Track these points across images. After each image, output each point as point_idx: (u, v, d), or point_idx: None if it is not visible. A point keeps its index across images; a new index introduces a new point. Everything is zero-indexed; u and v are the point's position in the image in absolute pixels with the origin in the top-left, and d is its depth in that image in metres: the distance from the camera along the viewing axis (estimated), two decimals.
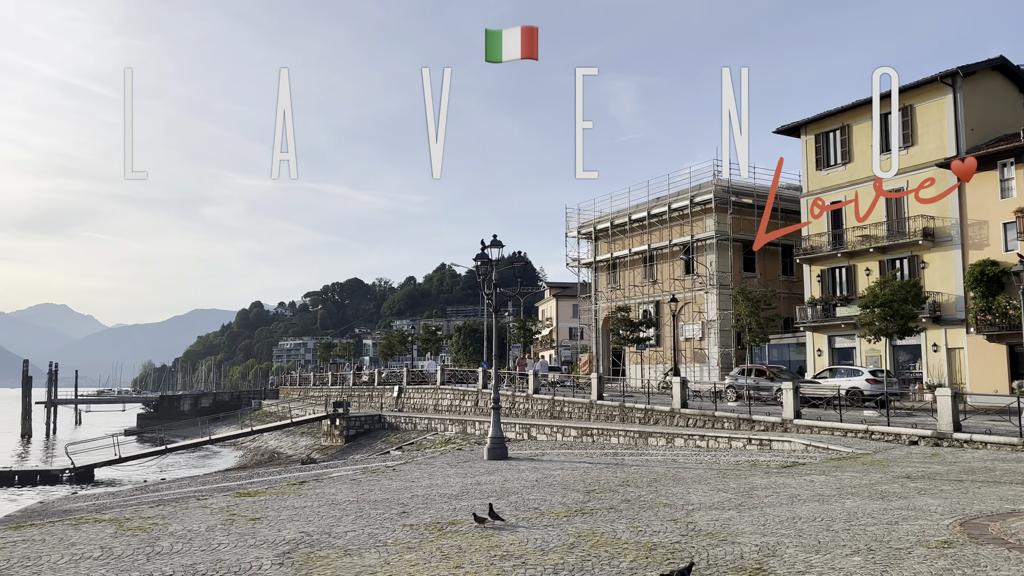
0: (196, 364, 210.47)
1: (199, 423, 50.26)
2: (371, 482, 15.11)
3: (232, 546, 8.64)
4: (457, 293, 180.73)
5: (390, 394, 45.28)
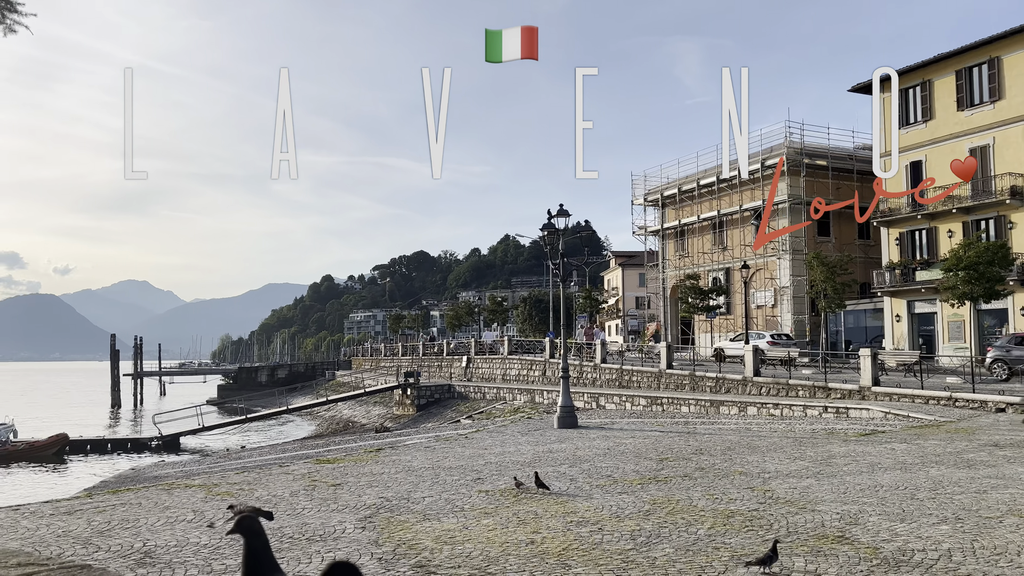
0: (271, 337, 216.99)
1: (276, 393, 51.99)
2: (445, 449, 15.39)
3: (315, 511, 8.94)
4: (521, 264, 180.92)
5: (459, 364, 45.87)
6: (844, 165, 40.07)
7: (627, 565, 6.25)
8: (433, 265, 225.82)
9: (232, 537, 7.48)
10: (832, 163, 40.12)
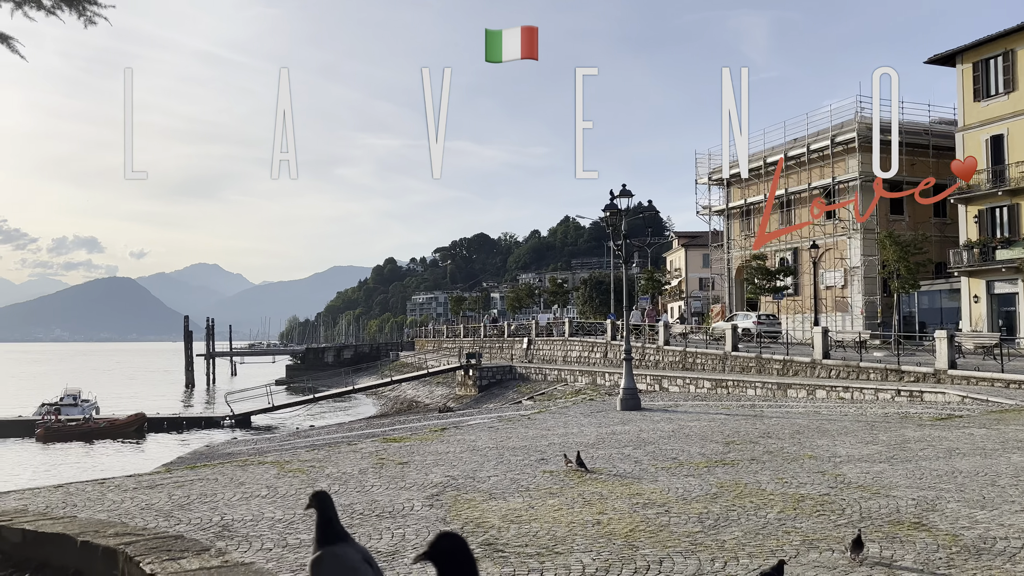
0: (336, 318, 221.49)
1: (342, 374, 53.17)
2: (508, 430, 15.49)
3: (384, 488, 9.12)
4: (582, 245, 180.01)
5: (519, 346, 46.04)
6: (919, 140, 38.53)
7: (695, 547, 6.20)
8: (493, 247, 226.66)
9: (306, 512, 7.70)
10: (906, 138, 38.61)
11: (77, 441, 34.99)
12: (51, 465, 29.47)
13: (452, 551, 2.19)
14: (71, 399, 42.34)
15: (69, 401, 41.86)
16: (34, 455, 32.58)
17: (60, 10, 8.05)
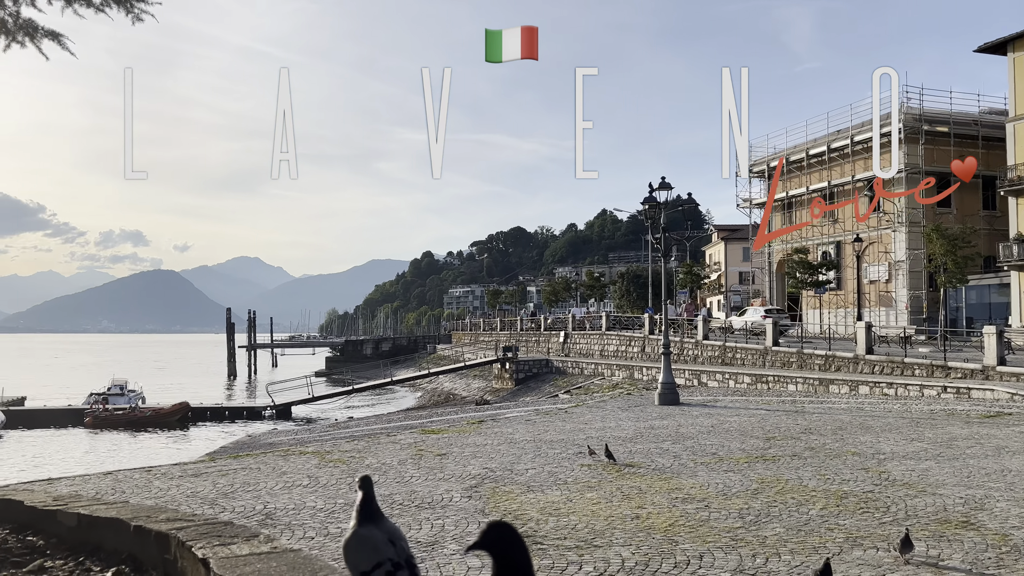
0: (375, 311, 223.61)
1: (380, 366, 53.71)
2: (545, 423, 15.50)
3: (423, 479, 9.19)
4: (619, 239, 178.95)
5: (556, 339, 46.00)
6: (968, 131, 37.58)
7: (736, 543, 6.15)
8: (530, 241, 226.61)
9: (348, 502, 7.80)
10: (954, 129, 37.68)
11: (124, 429, 35.90)
12: (99, 452, 30.29)
13: (505, 540, 2.17)
14: (118, 389, 43.44)
15: (116, 391, 42.95)
16: (83, 442, 33.51)
17: (109, 7, 8.21)
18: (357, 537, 2.90)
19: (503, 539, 2.16)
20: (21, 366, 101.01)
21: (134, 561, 3.82)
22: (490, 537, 2.16)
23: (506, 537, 2.17)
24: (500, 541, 2.16)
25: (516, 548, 2.17)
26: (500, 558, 2.15)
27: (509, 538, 2.17)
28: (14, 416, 37.54)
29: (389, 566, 2.83)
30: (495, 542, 2.16)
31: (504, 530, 2.18)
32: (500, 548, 2.16)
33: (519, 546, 2.18)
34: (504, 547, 2.16)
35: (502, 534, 2.17)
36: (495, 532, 2.17)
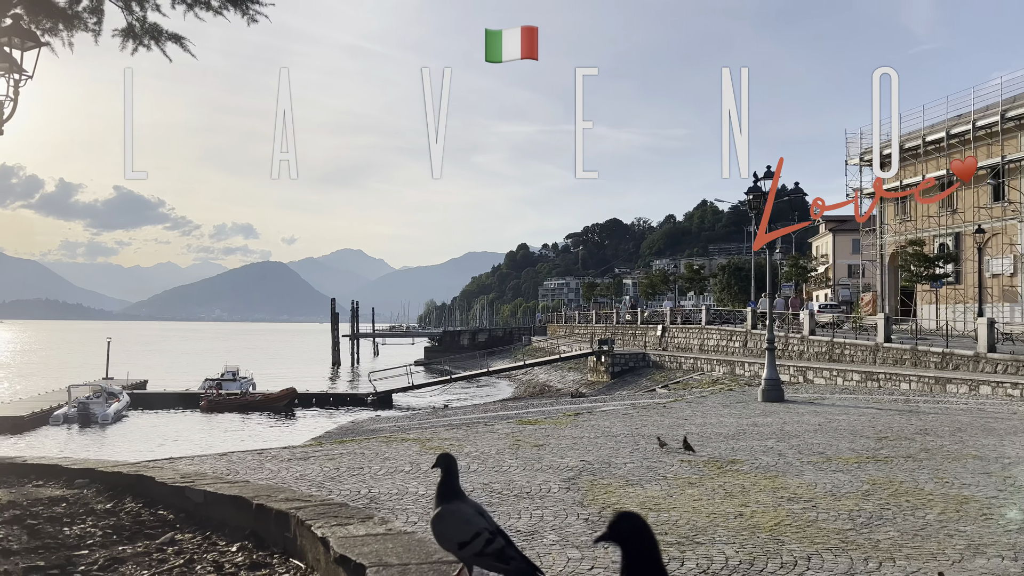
0: (471, 302, 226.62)
1: (477, 356, 54.37)
2: (642, 417, 15.33)
3: (521, 469, 9.26)
4: (719, 230, 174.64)
5: (653, 333, 45.37)
6: None
7: (846, 545, 5.92)
8: (626, 233, 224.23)
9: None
10: None
11: (235, 413, 37.75)
12: (213, 434, 31.98)
13: (636, 531, 2.12)
14: (230, 375, 45.78)
15: (229, 376, 45.28)
16: (199, 424, 35.45)
17: (226, 10, 8.62)
18: (448, 512, 3.09)
19: (634, 530, 2.12)
20: (144, 352, 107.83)
21: (256, 537, 4.03)
22: (620, 527, 2.12)
23: (637, 528, 2.12)
24: (631, 532, 2.11)
25: (647, 539, 2.12)
26: (630, 550, 2.10)
27: (640, 529, 2.12)
28: (137, 398, 40.11)
29: (487, 535, 2.99)
30: (625, 532, 2.11)
31: (635, 520, 2.13)
32: (631, 539, 2.11)
33: (650, 537, 2.13)
34: (635, 538, 2.11)
35: (633, 524, 2.13)
36: (626, 522, 2.13)
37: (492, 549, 2.97)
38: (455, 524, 3.05)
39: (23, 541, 4.05)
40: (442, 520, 3.09)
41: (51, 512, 4.60)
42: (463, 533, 3.00)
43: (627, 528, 2.12)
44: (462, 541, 2.99)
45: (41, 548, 3.93)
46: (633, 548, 2.11)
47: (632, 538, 2.12)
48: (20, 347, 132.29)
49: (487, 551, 2.97)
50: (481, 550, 2.97)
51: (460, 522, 3.05)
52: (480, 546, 2.96)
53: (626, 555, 2.12)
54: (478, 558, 3.00)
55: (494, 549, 2.98)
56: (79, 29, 9.21)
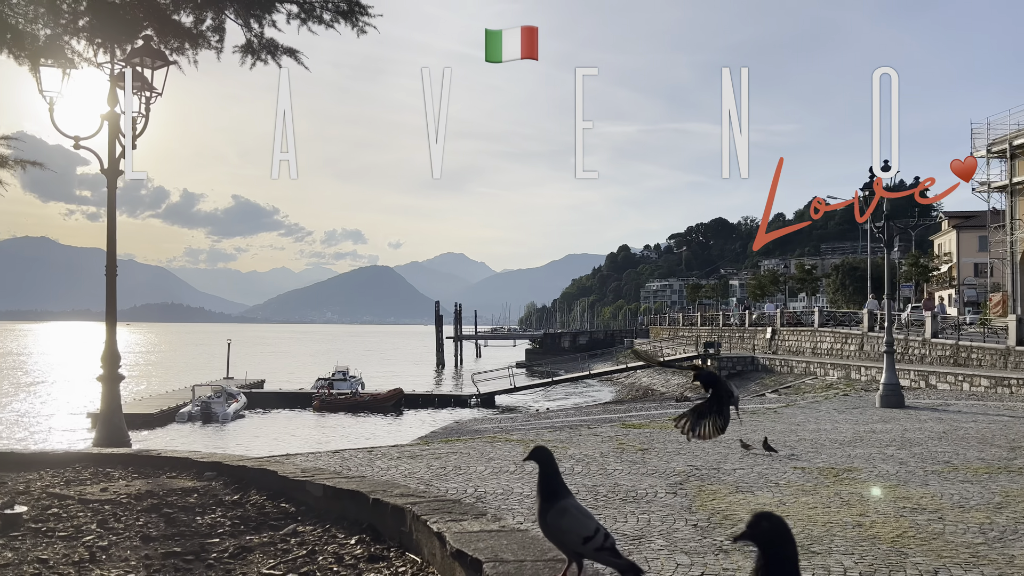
0: (571, 304, 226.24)
1: (578, 359, 54.24)
2: (752, 423, 14.89)
3: (626, 473, 9.18)
4: (832, 229, 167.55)
5: (762, 336, 44.00)
6: None
7: (976, 560, 5.56)
8: (732, 232, 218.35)
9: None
10: None
11: (345, 412, 39.10)
12: (325, 432, 33.23)
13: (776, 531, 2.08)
14: (341, 375, 47.45)
15: (339, 376, 46.94)
16: (311, 423, 36.92)
17: (337, 23, 8.96)
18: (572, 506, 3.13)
19: (776, 530, 2.08)
20: (261, 353, 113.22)
21: (373, 531, 4.18)
22: (761, 528, 2.08)
23: (779, 528, 2.08)
24: (772, 532, 2.08)
25: (787, 541, 2.08)
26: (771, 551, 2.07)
27: (780, 530, 2.08)
28: (254, 398, 42.14)
29: (604, 531, 3.08)
30: (767, 533, 2.08)
31: (775, 521, 2.10)
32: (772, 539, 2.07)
33: (791, 539, 2.09)
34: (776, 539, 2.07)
35: (774, 525, 2.09)
36: (767, 522, 2.09)
37: (610, 544, 3.07)
38: (579, 519, 3.09)
39: (161, 528, 4.34)
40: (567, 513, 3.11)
41: (184, 502, 4.91)
42: (587, 528, 3.06)
43: (768, 528, 2.09)
44: (587, 536, 3.04)
45: (177, 535, 4.21)
46: (774, 549, 2.07)
47: (774, 539, 2.08)
48: (148, 348, 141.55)
49: (606, 546, 3.05)
50: (602, 544, 3.04)
51: (584, 517, 3.11)
52: (601, 541, 3.04)
53: (764, 556, 2.08)
54: (598, 552, 3.06)
55: (611, 544, 3.07)
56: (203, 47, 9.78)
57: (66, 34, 9.31)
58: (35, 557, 3.84)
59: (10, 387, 56.85)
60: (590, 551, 3.06)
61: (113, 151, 10.82)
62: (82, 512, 4.69)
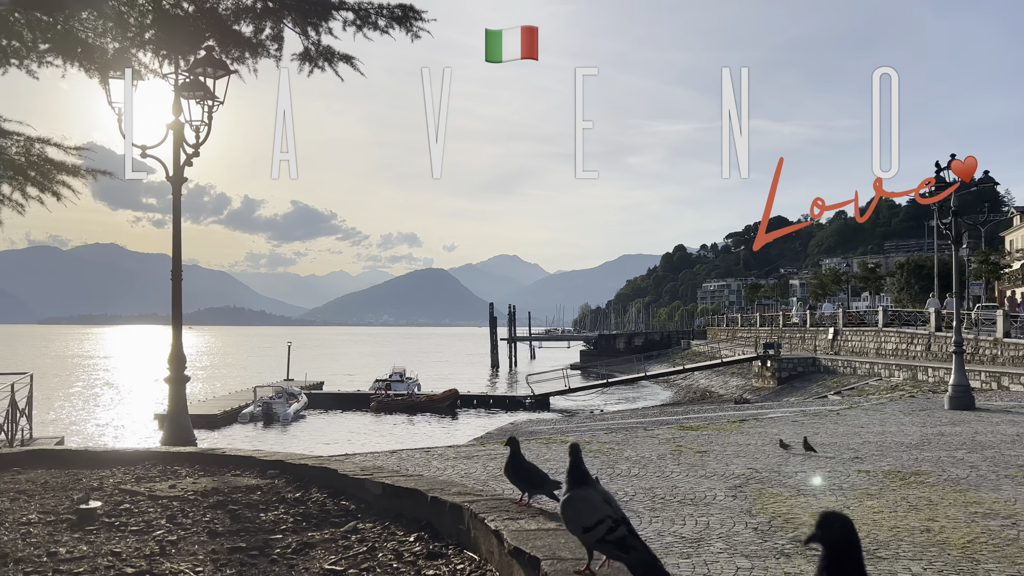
0: (626, 306, 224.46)
1: (633, 360, 53.80)
2: (814, 425, 14.56)
3: (683, 475, 9.07)
4: (896, 226, 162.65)
5: (824, 336, 42.96)
6: None
7: None
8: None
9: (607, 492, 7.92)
10: None
11: (402, 413, 39.54)
12: (383, 432, 33.66)
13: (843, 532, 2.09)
14: (398, 376, 48.02)
15: (396, 378, 47.51)
16: (369, 424, 37.44)
17: (392, 28, 9.09)
18: (577, 497, 3.24)
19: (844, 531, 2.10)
20: (320, 355, 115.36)
21: (432, 529, 4.24)
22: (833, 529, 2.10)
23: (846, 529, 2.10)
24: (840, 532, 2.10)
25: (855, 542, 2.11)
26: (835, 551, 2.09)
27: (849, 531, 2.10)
28: (314, 399, 42.95)
29: (610, 522, 3.08)
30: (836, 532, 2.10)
31: (843, 521, 2.12)
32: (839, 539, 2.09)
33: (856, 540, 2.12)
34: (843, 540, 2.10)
35: (844, 526, 2.11)
36: (837, 523, 2.11)
37: (614, 537, 3.05)
38: (582, 509, 3.16)
39: (226, 524, 4.47)
40: (571, 504, 3.22)
41: (248, 499, 5.04)
42: (588, 519, 3.11)
43: (838, 528, 2.10)
44: (586, 526, 3.10)
45: (241, 531, 4.32)
46: (839, 549, 2.09)
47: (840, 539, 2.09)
48: (211, 351, 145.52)
49: (608, 538, 3.05)
50: (603, 537, 3.05)
51: (587, 508, 3.16)
52: (602, 533, 3.05)
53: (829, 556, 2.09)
54: (600, 544, 3.08)
55: (616, 537, 3.05)
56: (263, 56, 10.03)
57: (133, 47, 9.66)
58: (108, 550, 3.99)
59: (83, 388, 59.16)
60: (591, 541, 3.08)
61: (178, 159, 11.18)
62: (152, 508, 4.86)
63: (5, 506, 4.94)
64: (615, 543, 3.04)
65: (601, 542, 3.06)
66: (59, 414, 40.35)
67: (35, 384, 15.09)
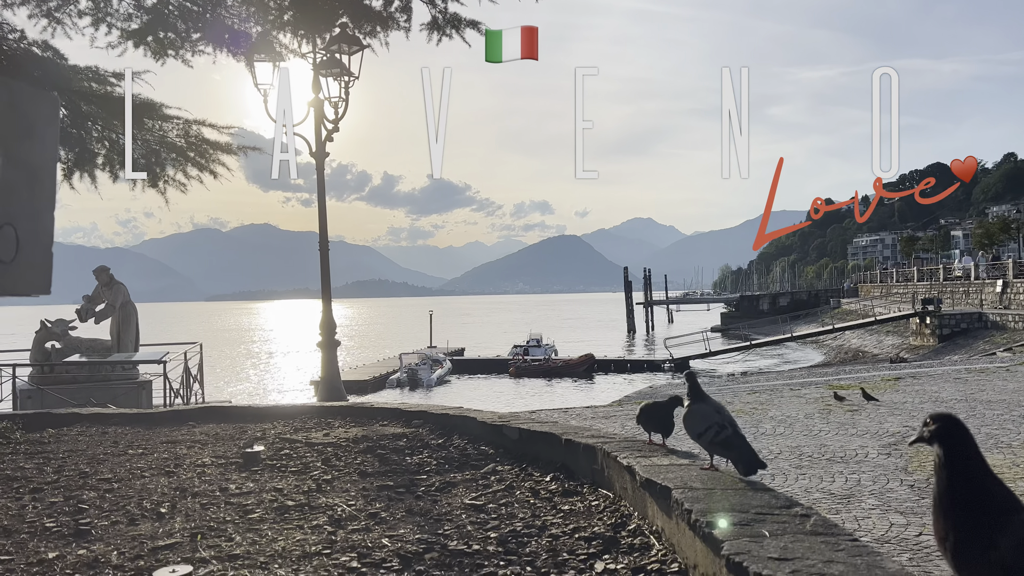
0: (770, 265, 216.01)
1: (778, 321, 51.84)
2: (980, 382, 13.54)
3: (832, 433, 8.70)
4: None
5: (991, 290, 39.65)
6: None
7: None
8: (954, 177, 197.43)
9: None
10: None
11: (539, 377, 40.15)
12: (522, 395, 34.34)
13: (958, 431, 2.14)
14: (535, 342, 48.76)
15: (533, 344, 48.25)
16: (508, 388, 38.30)
17: None
18: (691, 410, 3.87)
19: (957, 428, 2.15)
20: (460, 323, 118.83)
21: (566, 470, 4.40)
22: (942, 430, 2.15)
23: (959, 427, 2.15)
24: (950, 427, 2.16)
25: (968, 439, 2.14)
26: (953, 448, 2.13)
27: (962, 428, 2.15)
28: (457, 364, 44.41)
29: (716, 427, 3.69)
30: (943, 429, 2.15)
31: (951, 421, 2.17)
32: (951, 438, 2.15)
33: (971, 436, 2.15)
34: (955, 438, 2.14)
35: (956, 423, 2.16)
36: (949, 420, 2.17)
37: (720, 439, 3.66)
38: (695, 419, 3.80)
39: (375, 466, 4.82)
40: (690, 415, 3.84)
41: (395, 445, 5.39)
42: (700, 425, 3.76)
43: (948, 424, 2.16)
44: (699, 432, 3.74)
45: (389, 472, 4.65)
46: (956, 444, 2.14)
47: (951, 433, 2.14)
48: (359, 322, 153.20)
49: (716, 440, 3.67)
50: (712, 439, 3.68)
51: (699, 417, 3.80)
52: (711, 436, 3.68)
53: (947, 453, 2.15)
54: (711, 445, 3.73)
55: (721, 439, 3.66)
56: (393, 28, 10.31)
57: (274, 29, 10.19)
58: (272, 487, 4.41)
59: (246, 358, 64.03)
60: (705, 444, 3.75)
61: (319, 135, 11.76)
62: (308, 453, 5.29)
63: (183, 452, 5.49)
64: (721, 444, 3.67)
65: (711, 443, 3.70)
66: (227, 381, 43.91)
67: (204, 354, 16.44)
